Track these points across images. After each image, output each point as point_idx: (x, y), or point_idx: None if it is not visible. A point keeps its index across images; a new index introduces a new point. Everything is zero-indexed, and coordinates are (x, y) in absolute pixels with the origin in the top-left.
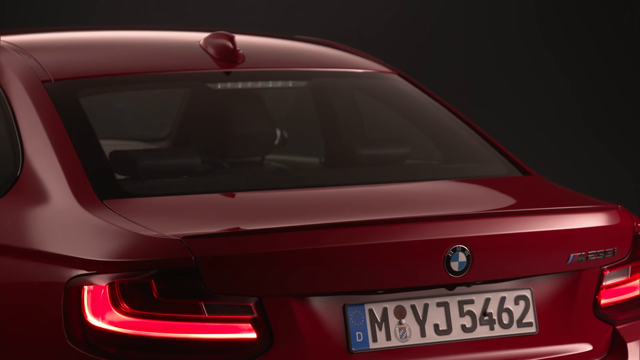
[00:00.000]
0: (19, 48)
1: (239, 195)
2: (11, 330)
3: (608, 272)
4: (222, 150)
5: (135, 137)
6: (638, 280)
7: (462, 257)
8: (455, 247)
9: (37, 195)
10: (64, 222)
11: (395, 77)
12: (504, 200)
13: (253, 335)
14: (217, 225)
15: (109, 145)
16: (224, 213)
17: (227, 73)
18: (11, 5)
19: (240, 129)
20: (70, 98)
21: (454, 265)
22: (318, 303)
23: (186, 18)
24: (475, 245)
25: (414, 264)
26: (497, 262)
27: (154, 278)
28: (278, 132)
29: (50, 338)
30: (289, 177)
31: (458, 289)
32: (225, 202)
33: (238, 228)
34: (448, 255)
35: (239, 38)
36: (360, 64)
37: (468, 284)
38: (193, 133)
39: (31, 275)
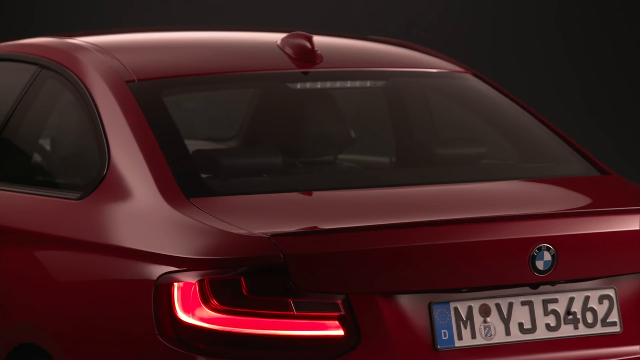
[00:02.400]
0: (101, 49)
1: (320, 194)
2: (102, 326)
3: None
4: (295, 149)
5: (202, 136)
6: None
7: (547, 256)
8: (541, 246)
9: (124, 193)
10: (151, 220)
11: (470, 76)
12: (586, 200)
13: (340, 332)
14: (304, 223)
15: None
16: (308, 211)
17: (305, 73)
18: (41, 6)
19: (313, 128)
20: (154, 98)
21: (539, 264)
22: (404, 301)
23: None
24: (561, 244)
25: (499, 263)
26: (581, 261)
27: (243, 275)
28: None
29: (140, 333)
30: (368, 176)
31: (542, 288)
32: (308, 200)
33: (325, 226)
34: (533, 254)
35: (316, 38)
36: (434, 64)
37: (552, 283)
38: (264, 133)
39: (120, 272)
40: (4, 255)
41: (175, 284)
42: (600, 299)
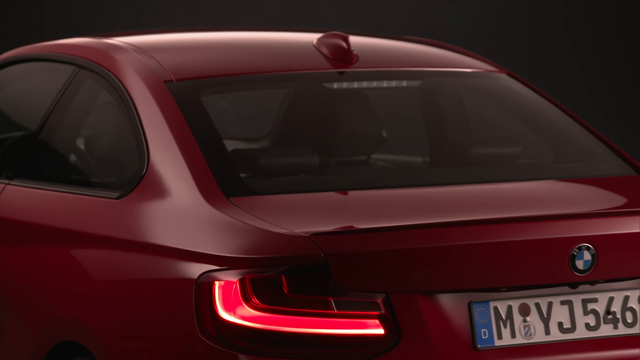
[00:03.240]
0: (138, 49)
1: (358, 193)
2: (142, 324)
3: None
4: (329, 149)
5: (233, 136)
6: None
7: (587, 256)
8: (581, 246)
9: (163, 193)
10: (192, 220)
11: (504, 76)
12: (625, 199)
13: (381, 331)
14: (343, 222)
15: None
16: (347, 211)
17: (341, 73)
18: (52, 6)
19: (347, 128)
20: (192, 98)
21: (579, 264)
22: (444, 300)
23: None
24: (601, 243)
25: (538, 262)
26: (621, 260)
27: (284, 274)
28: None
29: (181, 331)
30: (404, 176)
31: (581, 287)
32: (346, 200)
33: (365, 226)
34: (573, 254)
35: (352, 38)
36: (469, 64)
37: (592, 283)
38: (296, 132)
39: (160, 270)
40: (44, 253)
41: (217, 283)
42: None
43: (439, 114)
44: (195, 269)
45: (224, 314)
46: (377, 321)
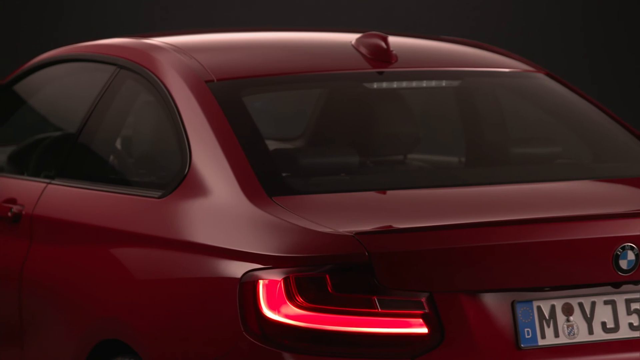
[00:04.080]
0: (178, 49)
1: (399, 192)
2: (186, 322)
3: None
4: (366, 149)
5: (267, 136)
6: None
7: (630, 256)
8: (625, 245)
9: (206, 192)
10: (235, 219)
11: (542, 76)
12: None
13: (424, 330)
14: (386, 221)
15: None
16: (389, 210)
17: (380, 73)
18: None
19: (384, 127)
20: (233, 97)
21: (623, 264)
22: (487, 299)
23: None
24: None
25: (582, 262)
26: None
27: (328, 273)
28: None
29: (225, 329)
30: (445, 175)
31: (624, 287)
32: (387, 199)
33: (408, 225)
34: (617, 254)
35: (391, 38)
36: (507, 64)
37: (636, 282)
38: (332, 132)
39: (204, 269)
40: (87, 252)
41: (261, 282)
42: None
43: (477, 113)
44: (239, 268)
45: (268, 313)
46: (420, 320)
